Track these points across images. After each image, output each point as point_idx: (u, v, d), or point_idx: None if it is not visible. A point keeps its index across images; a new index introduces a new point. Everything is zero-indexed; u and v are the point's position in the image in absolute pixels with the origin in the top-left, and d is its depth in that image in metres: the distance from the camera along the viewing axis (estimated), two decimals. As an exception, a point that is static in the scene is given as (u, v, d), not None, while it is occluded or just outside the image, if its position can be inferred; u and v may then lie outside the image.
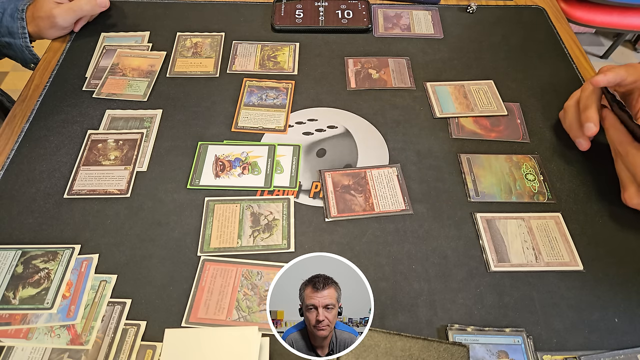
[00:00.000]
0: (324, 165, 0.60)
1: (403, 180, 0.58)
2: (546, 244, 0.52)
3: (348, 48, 0.75)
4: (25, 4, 0.72)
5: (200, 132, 0.63)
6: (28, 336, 0.45)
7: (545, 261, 0.51)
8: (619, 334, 0.46)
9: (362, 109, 0.66)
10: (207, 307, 0.47)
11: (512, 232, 0.53)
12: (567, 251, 0.52)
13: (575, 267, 0.50)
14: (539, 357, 0.45)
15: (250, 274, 0.50)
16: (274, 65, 0.72)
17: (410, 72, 0.71)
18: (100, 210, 0.54)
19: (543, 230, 0.53)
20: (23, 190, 0.56)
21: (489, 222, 0.54)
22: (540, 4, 0.83)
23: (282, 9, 0.79)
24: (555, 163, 0.60)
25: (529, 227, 0.53)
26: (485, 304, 0.48)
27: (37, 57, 0.74)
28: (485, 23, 0.79)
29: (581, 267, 0.51)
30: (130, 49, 0.73)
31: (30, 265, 0.49)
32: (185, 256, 0.51)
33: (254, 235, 0.53)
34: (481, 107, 0.66)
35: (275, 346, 0.43)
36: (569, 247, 0.52)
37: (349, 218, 0.54)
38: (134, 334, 0.45)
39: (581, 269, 0.50)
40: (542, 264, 0.51)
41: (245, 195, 0.56)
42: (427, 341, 0.44)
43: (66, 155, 0.60)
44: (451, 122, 0.64)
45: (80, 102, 0.66)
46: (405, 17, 0.80)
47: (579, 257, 0.51)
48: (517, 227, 0.54)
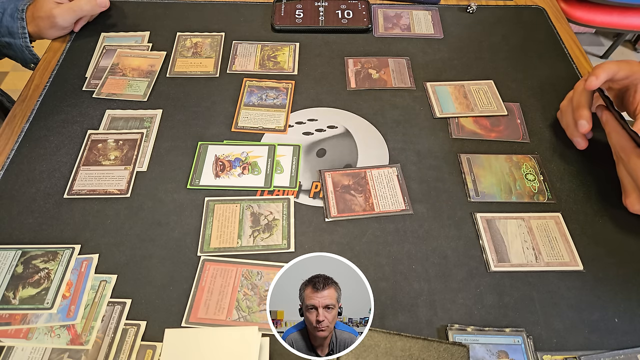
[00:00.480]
0: (324, 165, 0.60)
1: (403, 180, 0.58)
2: (546, 244, 0.52)
3: (348, 48, 0.75)
4: (25, 4, 0.72)
5: (200, 132, 0.63)
6: (28, 336, 0.45)
7: (545, 261, 0.51)
8: (619, 334, 0.46)
9: (362, 109, 0.66)
10: (207, 307, 0.47)
11: (512, 232, 0.53)
12: (567, 251, 0.52)
13: (575, 267, 0.50)
14: (539, 357, 0.45)
15: (250, 274, 0.50)
16: (274, 65, 0.72)
17: (410, 72, 0.71)
18: (100, 210, 0.54)
19: (543, 230, 0.53)
20: (23, 190, 0.56)
21: (489, 222, 0.54)
22: (540, 4, 0.83)
23: (282, 9, 0.79)
24: (555, 163, 0.60)
25: (529, 227, 0.53)
26: (485, 304, 0.48)
27: (37, 57, 0.74)
28: (485, 23, 0.79)
29: (581, 267, 0.51)
30: (130, 49, 0.73)
31: (30, 265, 0.49)
32: (185, 256, 0.51)
33: (254, 235, 0.53)
34: (481, 107, 0.66)
35: (275, 346, 0.43)
36: (569, 247, 0.52)
37: (349, 218, 0.54)
38: (134, 334, 0.45)
39: (581, 269, 0.50)
40: (542, 264, 0.51)
41: (245, 195, 0.56)
42: (427, 341, 0.44)
43: (66, 155, 0.60)
44: (451, 122, 0.64)
45: (80, 102, 0.66)
46: (405, 17, 0.80)
47: (579, 257, 0.51)
48: (517, 227, 0.54)
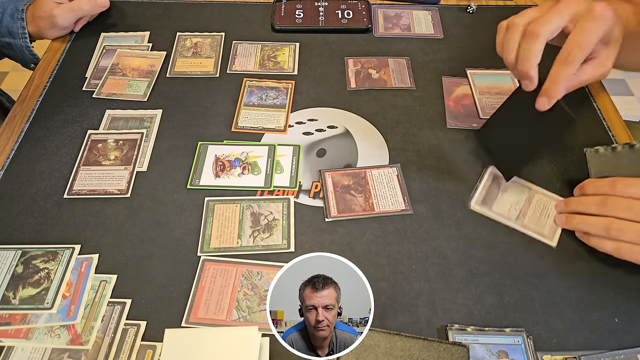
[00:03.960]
0: (324, 165, 0.60)
1: (403, 180, 0.58)
2: (537, 215, 0.54)
3: (348, 48, 0.75)
4: (25, 4, 0.72)
5: (200, 132, 0.63)
6: (28, 336, 0.45)
7: (524, 224, 0.53)
8: (619, 334, 0.46)
9: (362, 109, 0.66)
10: (207, 307, 0.47)
11: (510, 194, 0.56)
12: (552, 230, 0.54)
13: (549, 242, 0.52)
14: (539, 357, 0.45)
15: (250, 274, 0.50)
16: (274, 65, 0.72)
17: (410, 72, 0.71)
18: (100, 210, 0.54)
19: (542, 206, 0.55)
20: (23, 190, 0.56)
21: (495, 175, 0.57)
22: (540, 3, 0.83)
23: (282, 9, 0.79)
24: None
25: (529, 198, 0.56)
26: (485, 304, 0.48)
27: (37, 57, 0.74)
28: (485, 23, 0.79)
29: (555, 244, 0.52)
30: (130, 49, 0.73)
31: (30, 265, 0.49)
32: (185, 256, 0.51)
33: (254, 235, 0.53)
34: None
35: (275, 346, 0.43)
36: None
37: (349, 218, 0.54)
38: (134, 334, 0.45)
39: (553, 246, 0.52)
40: (520, 225, 0.53)
41: (245, 195, 0.56)
42: (427, 341, 0.44)
43: (66, 155, 0.60)
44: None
45: (80, 102, 0.66)
46: (405, 17, 0.80)
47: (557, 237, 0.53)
48: (519, 193, 0.56)
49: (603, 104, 0.66)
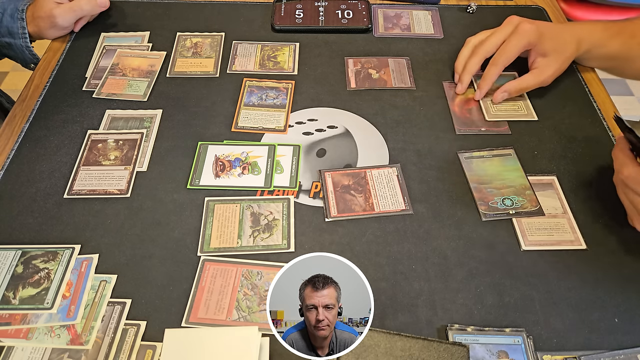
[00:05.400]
0: (324, 165, 0.60)
1: (403, 180, 0.58)
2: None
3: (348, 48, 0.75)
4: (25, 4, 0.72)
5: (200, 132, 0.63)
6: (28, 336, 0.45)
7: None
8: (619, 334, 0.46)
9: (362, 109, 0.66)
10: (207, 307, 0.47)
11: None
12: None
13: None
14: (539, 357, 0.45)
15: (250, 274, 0.50)
16: (274, 65, 0.72)
17: (410, 72, 0.71)
18: (100, 210, 0.54)
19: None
20: (23, 190, 0.56)
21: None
22: (540, 3, 0.83)
23: (282, 9, 0.79)
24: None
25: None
26: (485, 304, 0.48)
27: (37, 57, 0.74)
28: (485, 23, 0.79)
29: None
30: (130, 49, 0.73)
31: (30, 265, 0.49)
32: (185, 256, 0.51)
33: (254, 235, 0.53)
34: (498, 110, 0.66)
35: (275, 346, 0.43)
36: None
37: (349, 218, 0.54)
38: (134, 334, 0.45)
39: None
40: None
41: (245, 195, 0.56)
42: (427, 341, 0.44)
43: (66, 155, 0.60)
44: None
45: (80, 102, 0.66)
46: (405, 17, 0.80)
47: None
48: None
49: (603, 105, 0.67)
